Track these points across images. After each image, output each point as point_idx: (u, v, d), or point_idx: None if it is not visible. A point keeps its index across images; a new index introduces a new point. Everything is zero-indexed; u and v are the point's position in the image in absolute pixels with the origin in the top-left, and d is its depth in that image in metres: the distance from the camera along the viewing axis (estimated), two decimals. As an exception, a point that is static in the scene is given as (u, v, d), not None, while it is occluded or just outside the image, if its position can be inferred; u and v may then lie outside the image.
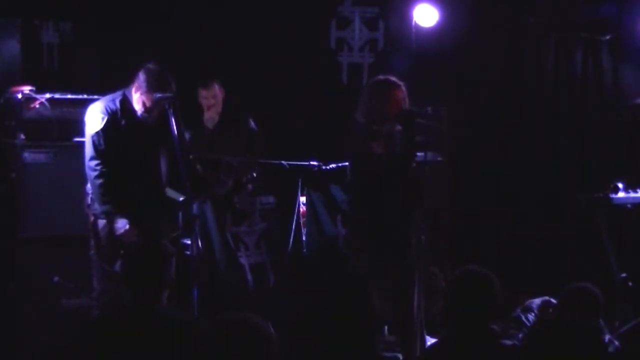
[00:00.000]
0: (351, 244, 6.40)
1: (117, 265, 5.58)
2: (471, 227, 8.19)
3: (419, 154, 5.98)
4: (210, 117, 7.24)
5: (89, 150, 5.76)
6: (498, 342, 4.02)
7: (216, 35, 7.86)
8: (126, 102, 5.82)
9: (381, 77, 6.05)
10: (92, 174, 5.73)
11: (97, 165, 5.72)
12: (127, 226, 5.72)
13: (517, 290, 6.82)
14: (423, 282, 5.94)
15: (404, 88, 5.98)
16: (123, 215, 5.73)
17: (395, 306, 5.95)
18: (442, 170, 7.25)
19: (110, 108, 5.79)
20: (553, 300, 5.37)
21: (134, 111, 5.83)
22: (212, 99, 7.26)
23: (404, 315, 5.91)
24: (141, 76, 5.75)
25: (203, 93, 7.27)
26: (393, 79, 6.01)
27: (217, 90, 7.28)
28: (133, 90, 5.81)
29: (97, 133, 5.74)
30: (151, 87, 5.71)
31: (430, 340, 5.99)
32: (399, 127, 5.91)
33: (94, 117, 5.79)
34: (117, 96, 5.85)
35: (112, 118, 5.78)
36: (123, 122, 5.80)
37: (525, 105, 8.49)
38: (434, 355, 4.21)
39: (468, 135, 8.13)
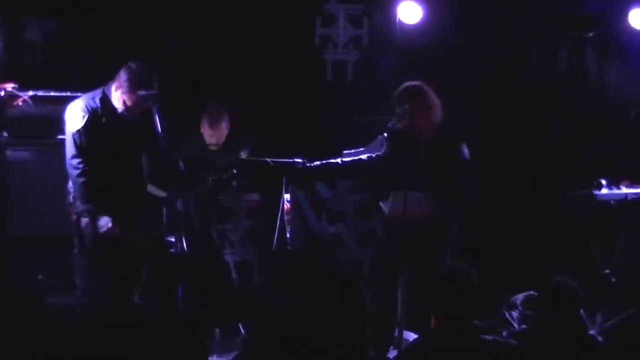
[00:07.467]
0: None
1: (101, 263, 5.56)
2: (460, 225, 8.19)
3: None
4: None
5: (70, 149, 5.75)
6: (479, 337, 4.07)
7: (201, 34, 7.84)
8: (106, 100, 5.82)
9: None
10: (74, 172, 5.73)
11: (79, 163, 5.71)
12: (110, 224, 5.71)
13: (504, 287, 6.83)
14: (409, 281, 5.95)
15: None
16: (105, 213, 5.72)
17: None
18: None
19: (90, 106, 5.79)
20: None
21: (114, 109, 5.82)
22: (216, 138, 7.03)
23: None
24: (123, 75, 5.75)
25: (209, 131, 7.01)
26: None
27: (223, 128, 7.04)
28: (113, 88, 5.81)
29: (78, 131, 5.74)
30: (133, 86, 5.71)
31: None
32: None
33: (75, 116, 5.79)
34: (97, 94, 5.85)
35: (93, 116, 5.77)
36: (104, 119, 5.80)
37: (511, 102, 8.50)
38: (416, 350, 4.24)
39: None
